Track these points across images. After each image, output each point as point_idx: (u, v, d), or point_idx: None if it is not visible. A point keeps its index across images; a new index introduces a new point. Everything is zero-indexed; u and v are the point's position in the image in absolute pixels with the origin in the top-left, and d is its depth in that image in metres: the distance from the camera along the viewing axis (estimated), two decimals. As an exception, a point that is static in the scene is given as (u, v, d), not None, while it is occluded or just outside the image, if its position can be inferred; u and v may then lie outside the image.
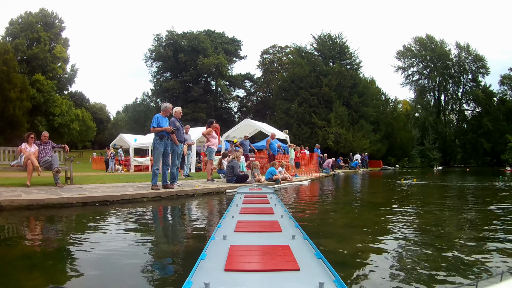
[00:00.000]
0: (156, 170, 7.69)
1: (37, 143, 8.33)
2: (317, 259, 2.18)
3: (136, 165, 24.37)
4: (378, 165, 39.30)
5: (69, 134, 54.72)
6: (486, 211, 5.91)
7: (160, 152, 7.70)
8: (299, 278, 1.87)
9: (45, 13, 56.32)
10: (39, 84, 50.01)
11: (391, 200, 7.83)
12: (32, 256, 3.08)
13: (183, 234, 4.27)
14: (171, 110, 8.22)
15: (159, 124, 7.74)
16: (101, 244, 3.46)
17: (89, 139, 65.85)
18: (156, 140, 7.72)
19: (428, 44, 57.95)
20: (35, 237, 3.93)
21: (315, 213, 6.03)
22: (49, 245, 3.55)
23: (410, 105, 61.95)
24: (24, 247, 3.39)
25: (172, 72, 58.92)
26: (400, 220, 4.98)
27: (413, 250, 3.23)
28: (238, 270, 1.98)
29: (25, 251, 3.24)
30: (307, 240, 2.65)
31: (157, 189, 7.42)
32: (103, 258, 2.99)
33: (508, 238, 3.71)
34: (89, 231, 4.15)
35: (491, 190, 9.99)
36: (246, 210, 4.30)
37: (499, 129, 52.09)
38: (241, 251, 2.36)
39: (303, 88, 43.93)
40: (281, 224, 3.30)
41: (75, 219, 5.19)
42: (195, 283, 1.75)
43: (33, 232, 4.17)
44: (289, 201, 7.63)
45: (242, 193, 6.58)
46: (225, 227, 3.18)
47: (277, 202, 5.15)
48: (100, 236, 3.85)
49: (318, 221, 5.06)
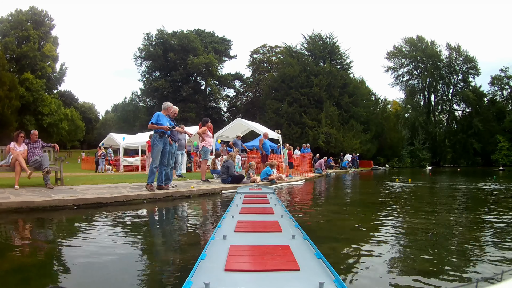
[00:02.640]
0: (154, 168, 7.55)
1: (27, 142, 8.08)
2: (317, 259, 2.17)
3: (126, 165, 24.15)
4: (368, 165, 39.61)
5: (58, 134, 54.05)
6: (488, 211, 5.91)
7: (160, 150, 7.59)
8: (299, 278, 1.86)
9: (35, 11, 55.56)
10: (28, 83, 49.36)
11: (390, 201, 7.78)
12: (23, 268, 2.78)
13: (182, 234, 4.22)
14: (171, 109, 8.17)
15: (158, 122, 7.62)
16: (99, 246, 3.37)
17: (78, 138, 65.05)
18: (156, 137, 7.60)
19: (418, 45, 58.63)
20: (25, 243, 3.66)
21: (314, 213, 6.01)
22: (41, 253, 3.33)
23: (400, 105, 62.40)
24: (13, 256, 3.14)
25: (162, 71, 58.45)
26: (400, 220, 4.98)
27: (413, 250, 3.22)
28: (238, 270, 1.98)
29: (15, 262, 2.95)
30: (307, 240, 2.65)
31: (152, 189, 7.28)
32: (103, 259, 2.94)
33: (509, 238, 3.73)
34: (85, 234, 3.98)
35: (490, 191, 9.88)
36: (246, 210, 4.30)
37: (489, 130, 52.99)
38: (241, 251, 2.35)
39: (293, 88, 44.07)
40: (281, 224, 3.29)
41: (69, 223, 4.93)
42: (195, 283, 1.74)
43: (22, 238, 3.91)
44: (287, 201, 7.57)
45: (242, 193, 6.56)
46: (225, 227, 3.18)
47: (277, 202, 5.14)
48: (97, 238, 3.71)
49: (317, 221, 5.02)
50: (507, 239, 3.67)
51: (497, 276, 2.42)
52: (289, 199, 8.06)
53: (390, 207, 6.56)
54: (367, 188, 10.97)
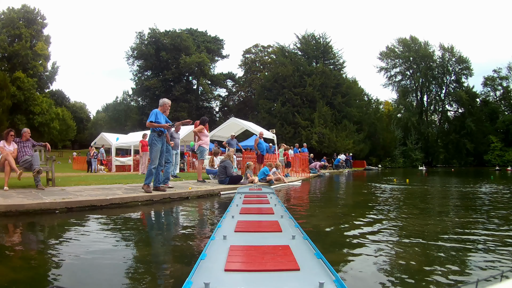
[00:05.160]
0: (153, 169, 7.27)
1: (17, 141, 7.77)
2: (317, 259, 2.17)
3: (117, 165, 23.89)
4: (361, 165, 39.76)
5: (49, 133, 53.74)
6: (491, 212, 5.90)
7: (159, 149, 7.33)
8: (299, 278, 1.86)
9: (27, 9, 55.29)
10: (20, 81, 49.03)
11: (391, 201, 7.76)
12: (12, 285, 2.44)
13: (182, 235, 4.17)
14: (168, 106, 7.86)
15: (157, 120, 7.36)
16: (98, 247, 3.31)
17: (69, 138, 64.64)
18: (154, 136, 7.31)
19: (411, 46, 59.06)
20: (12, 254, 3.24)
21: (314, 213, 6.00)
22: (31, 263, 2.94)
23: (392, 105, 62.75)
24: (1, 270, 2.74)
25: (154, 70, 58.27)
26: (401, 221, 4.97)
27: (414, 251, 3.21)
28: (238, 270, 1.98)
29: (5, 277, 2.57)
30: (307, 240, 2.66)
31: (149, 190, 7.03)
32: (102, 261, 2.89)
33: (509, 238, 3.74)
34: (81, 238, 3.73)
35: (492, 191, 9.80)
36: (246, 210, 4.32)
37: (482, 130, 53.65)
38: (241, 251, 2.37)
39: (286, 88, 44.21)
40: (281, 224, 3.31)
41: (62, 228, 4.53)
42: (195, 283, 1.74)
43: (12, 247, 3.52)
44: (287, 201, 7.52)
45: (242, 193, 6.57)
46: (225, 227, 3.19)
47: (277, 202, 5.17)
48: (94, 241, 3.58)
49: (317, 221, 5.01)
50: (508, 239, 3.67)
51: (497, 276, 2.42)
52: (288, 200, 8.03)
53: (391, 208, 6.55)
54: (366, 189, 10.90)
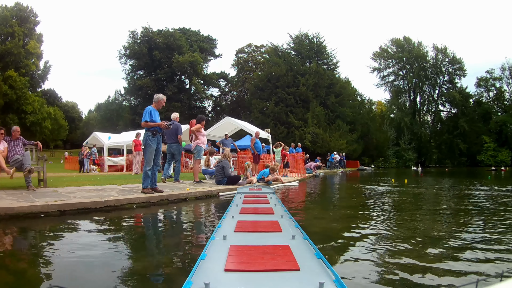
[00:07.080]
0: (148, 171, 6.98)
1: (7, 140, 7.48)
2: (317, 259, 2.17)
3: (110, 165, 23.63)
4: (355, 165, 39.99)
5: (41, 133, 53.17)
6: (493, 212, 5.90)
7: (153, 150, 7.03)
8: (299, 278, 1.86)
9: (20, 7, 54.68)
10: (12, 80, 48.45)
11: (391, 201, 7.76)
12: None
13: (182, 235, 4.15)
14: (164, 102, 7.50)
15: (152, 118, 7.07)
16: (96, 250, 3.23)
17: (61, 138, 64.07)
18: (148, 136, 7.00)
19: (405, 46, 59.60)
20: (4, 260, 3.03)
21: (314, 213, 5.99)
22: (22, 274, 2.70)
23: (385, 106, 63.18)
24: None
25: (146, 69, 57.84)
26: (401, 221, 4.96)
27: (414, 251, 3.20)
28: (238, 270, 1.98)
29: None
30: (307, 240, 2.67)
31: (150, 192, 6.79)
32: (101, 263, 2.86)
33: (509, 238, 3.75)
34: (78, 241, 3.57)
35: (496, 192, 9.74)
36: (246, 210, 4.33)
37: (475, 130, 54.34)
38: (241, 251, 2.37)
39: (279, 88, 44.25)
40: (281, 224, 3.32)
41: (54, 233, 4.10)
42: (195, 283, 1.75)
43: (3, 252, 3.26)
44: (286, 202, 7.44)
45: (242, 193, 6.57)
46: (225, 227, 3.20)
47: (277, 202, 5.19)
48: (93, 243, 3.48)
49: (317, 221, 5.00)
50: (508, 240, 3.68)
51: (497, 276, 2.42)
52: (288, 200, 8.00)
53: (391, 208, 6.56)
54: (364, 189, 10.85)
